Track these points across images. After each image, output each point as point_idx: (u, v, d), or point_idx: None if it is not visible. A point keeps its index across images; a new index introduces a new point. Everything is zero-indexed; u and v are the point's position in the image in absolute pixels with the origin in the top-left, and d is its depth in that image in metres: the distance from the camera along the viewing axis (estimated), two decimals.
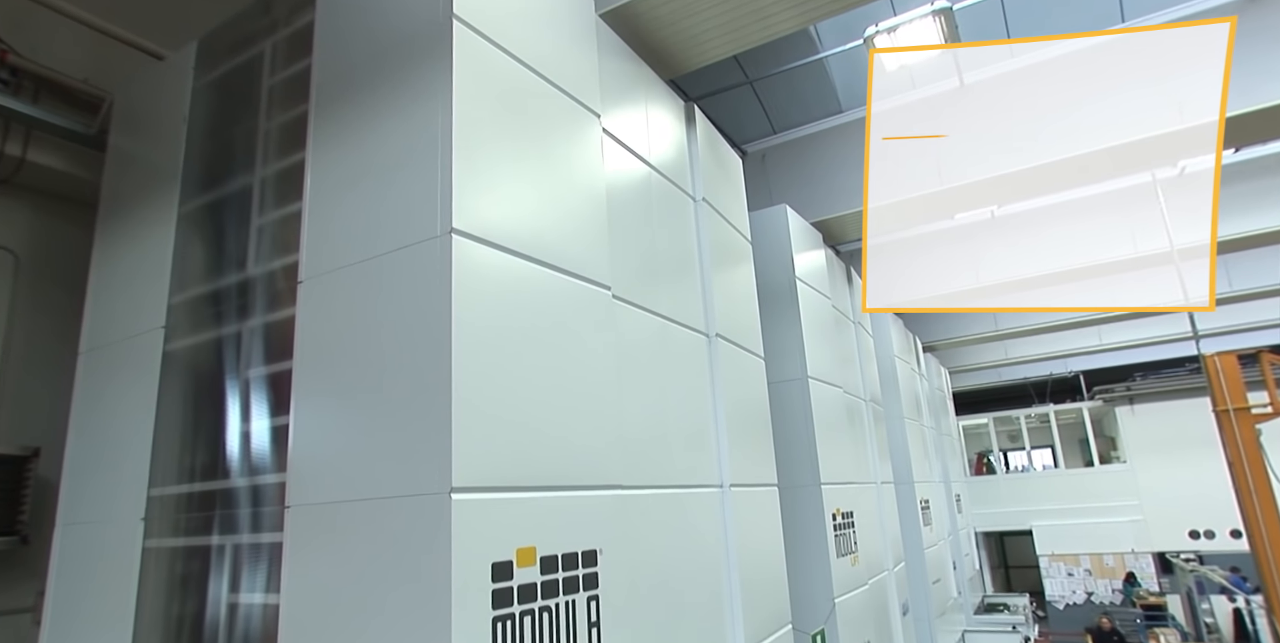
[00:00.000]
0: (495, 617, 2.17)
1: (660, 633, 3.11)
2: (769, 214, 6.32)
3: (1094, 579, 18.89)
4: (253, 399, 2.79)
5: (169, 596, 2.88)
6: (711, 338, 4.15)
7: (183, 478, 2.97)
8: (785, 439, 5.40)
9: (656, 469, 3.32)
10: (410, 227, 2.46)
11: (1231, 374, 7.96)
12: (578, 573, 2.54)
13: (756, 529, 4.18)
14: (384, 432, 2.34)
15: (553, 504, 2.51)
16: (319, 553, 2.40)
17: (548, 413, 2.58)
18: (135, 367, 3.28)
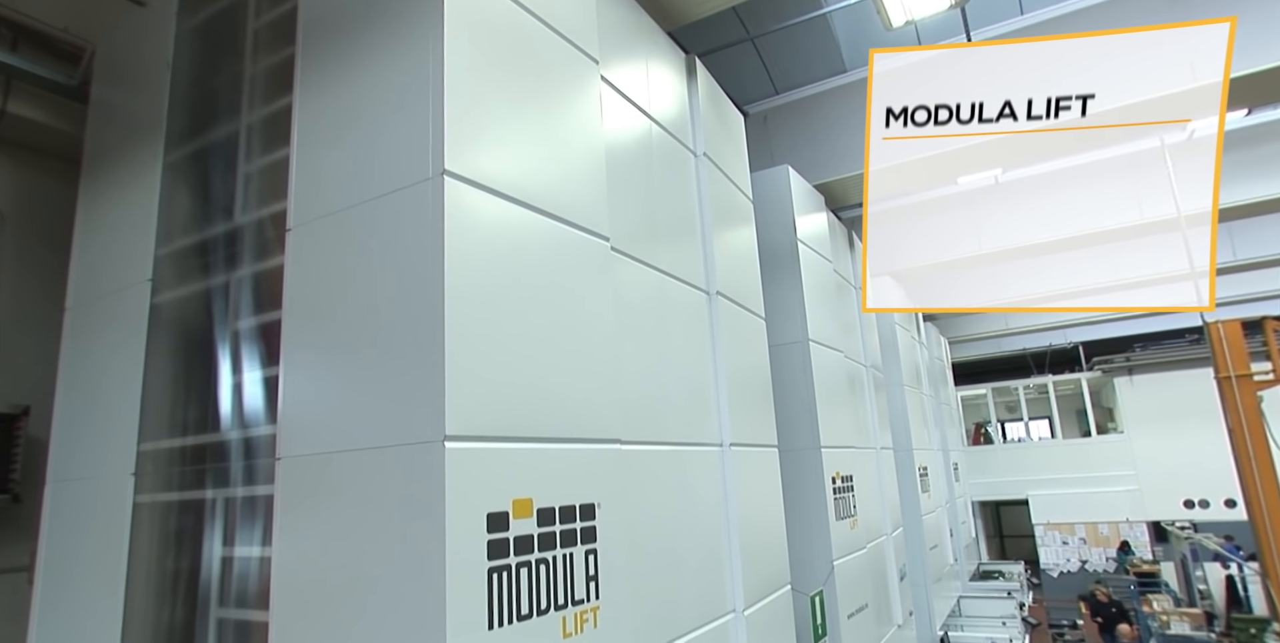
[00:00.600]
0: (491, 568, 2.12)
1: (660, 589, 3.08)
2: (771, 175, 6.20)
3: (1088, 548, 19.05)
4: (242, 351, 2.72)
5: (161, 551, 2.84)
6: (712, 296, 4.07)
7: (173, 432, 2.91)
8: (785, 402, 5.36)
9: (656, 426, 3.27)
10: (401, 170, 2.37)
11: (1235, 341, 7.90)
12: (575, 526, 2.49)
13: (756, 489, 4.15)
14: (376, 381, 2.27)
15: (549, 456, 2.45)
16: (311, 505, 2.34)
17: (544, 363, 2.51)
18: (122, 321, 3.21)
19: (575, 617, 2.43)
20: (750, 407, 4.27)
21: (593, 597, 2.51)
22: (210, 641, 2.58)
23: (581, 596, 2.46)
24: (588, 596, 2.49)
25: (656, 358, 3.40)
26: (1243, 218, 10.30)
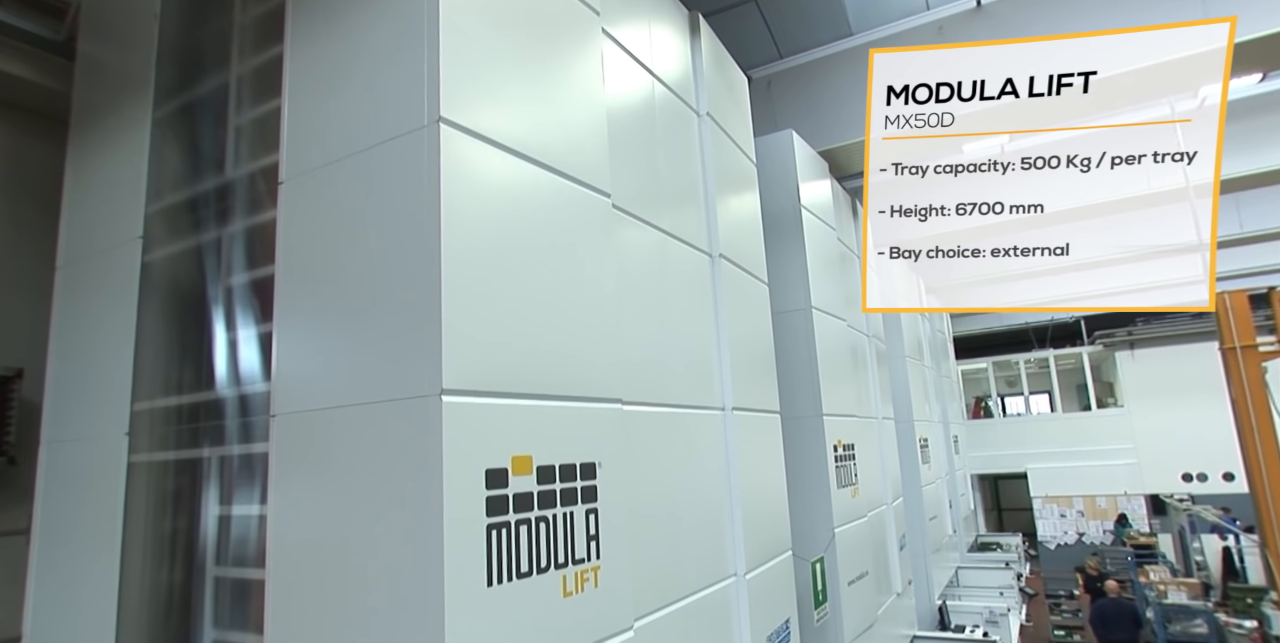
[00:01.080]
0: (490, 525, 2.09)
1: (661, 551, 3.06)
2: (774, 140, 6.10)
3: (1086, 520, 19.17)
4: (236, 307, 2.66)
5: (156, 510, 2.80)
6: (715, 258, 4.00)
7: (166, 391, 2.87)
8: (788, 370, 5.31)
9: (657, 387, 3.22)
10: (395, 118, 2.29)
11: (1241, 312, 7.84)
12: (576, 485, 2.45)
13: (758, 454, 4.12)
14: (372, 335, 2.22)
15: (549, 414, 2.41)
16: (306, 462, 2.30)
17: (543, 319, 2.45)
18: (114, 279, 3.14)
19: (576, 576, 2.40)
20: (752, 371, 4.22)
21: (593, 556, 2.48)
22: (207, 599, 2.56)
23: (582, 555, 2.43)
24: (588, 555, 2.46)
25: (658, 319, 3.34)
26: (1250, 188, 10.17)
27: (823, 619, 5.12)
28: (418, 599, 1.94)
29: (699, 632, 3.29)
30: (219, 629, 2.53)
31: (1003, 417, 21.84)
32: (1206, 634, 8.89)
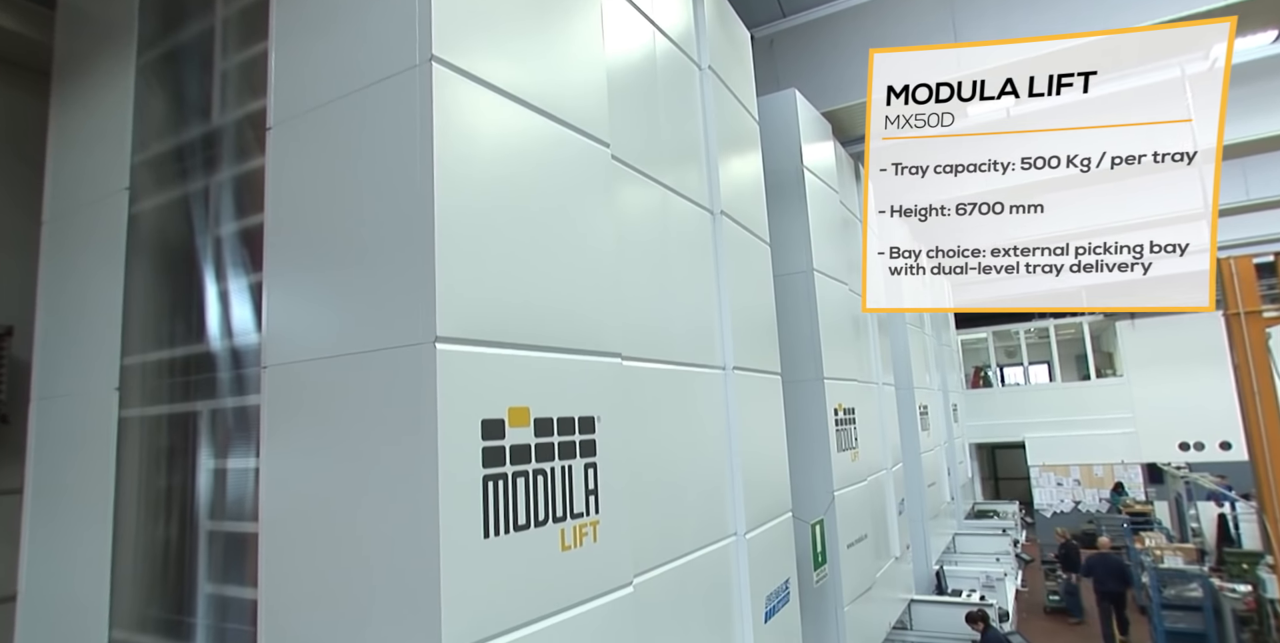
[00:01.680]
0: (486, 475, 2.04)
1: (661, 508, 3.03)
2: (777, 99, 5.97)
3: (1082, 489, 19.29)
4: (225, 258, 2.59)
5: (149, 465, 2.76)
6: (716, 215, 3.92)
7: (156, 344, 2.81)
8: (789, 333, 5.26)
9: (658, 344, 3.16)
10: (386, 58, 2.20)
11: (1246, 277, 7.75)
12: (574, 439, 2.40)
13: (759, 415, 4.08)
14: (364, 283, 2.15)
15: (546, 365, 2.35)
16: (299, 413, 2.25)
17: (540, 268, 2.39)
18: (101, 232, 3.07)
19: (574, 530, 2.36)
20: (754, 332, 4.16)
21: (592, 511, 2.44)
22: (201, 554, 2.53)
23: (581, 509, 2.40)
24: (587, 509, 2.42)
25: (659, 275, 3.27)
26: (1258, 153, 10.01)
27: (822, 581, 5.14)
28: (413, 551, 1.90)
29: (699, 590, 3.27)
30: (214, 583, 2.50)
31: (1001, 387, 21.86)
32: (1201, 598, 8.95)
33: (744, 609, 3.65)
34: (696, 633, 3.22)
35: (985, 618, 7.37)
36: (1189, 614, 9.05)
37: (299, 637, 2.14)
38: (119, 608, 2.77)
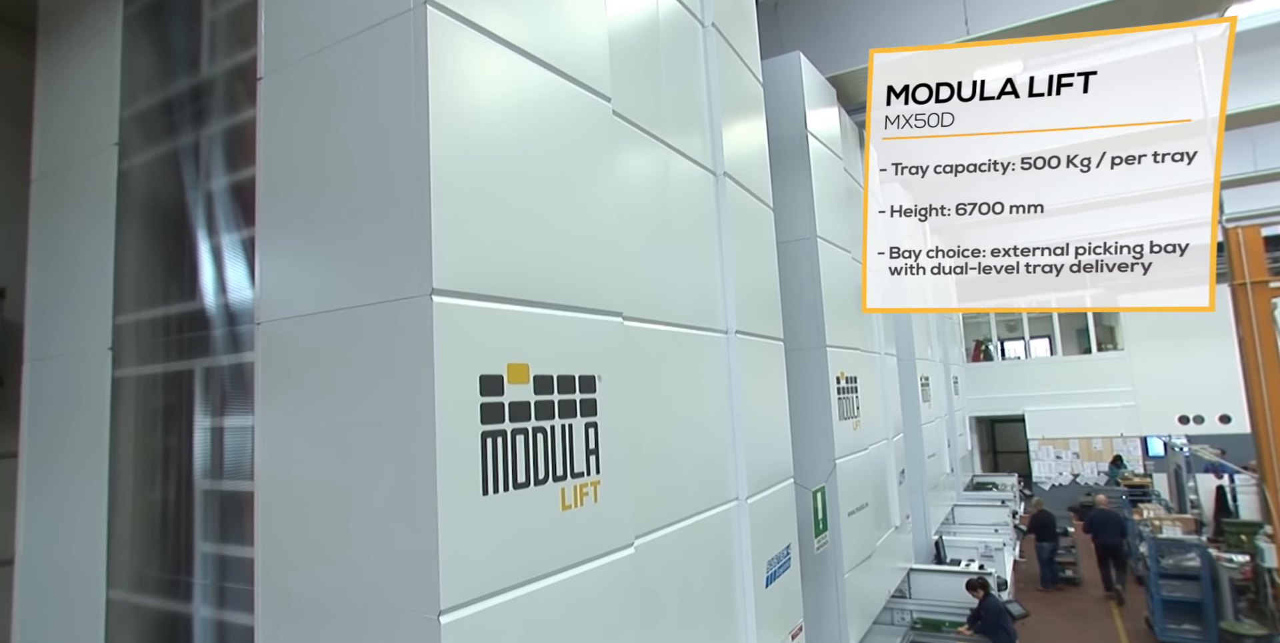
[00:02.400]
0: (485, 432, 2.00)
1: (663, 470, 3.00)
2: (781, 63, 5.86)
3: (1081, 462, 19.38)
4: (217, 212, 2.53)
5: (144, 425, 2.73)
6: (719, 177, 3.84)
7: (149, 303, 2.76)
8: (792, 300, 5.20)
9: (660, 306, 3.11)
10: (380, 2, 2.11)
11: (1254, 248, 7.69)
12: (575, 397, 2.36)
13: (761, 380, 4.04)
14: (358, 237, 2.09)
15: (546, 322, 2.30)
16: (294, 370, 2.20)
17: (539, 223, 2.33)
18: (91, 189, 3.00)
19: (575, 490, 2.33)
20: (756, 296, 4.11)
21: (593, 471, 2.41)
22: (198, 513, 2.50)
23: (581, 469, 2.36)
24: (588, 469, 2.39)
25: (661, 235, 3.21)
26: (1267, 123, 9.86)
27: (823, 547, 5.14)
28: (410, 507, 1.87)
29: (701, 553, 3.26)
30: (211, 543, 2.48)
31: (1002, 360, 21.87)
32: (1199, 568, 9.01)
33: (745, 573, 3.64)
34: (698, 596, 3.21)
35: (985, 586, 7.41)
36: (1186, 583, 9.11)
37: (296, 596, 2.12)
38: (116, 569, 2.76)
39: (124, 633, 2.71)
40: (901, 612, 7.78)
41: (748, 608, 3.64)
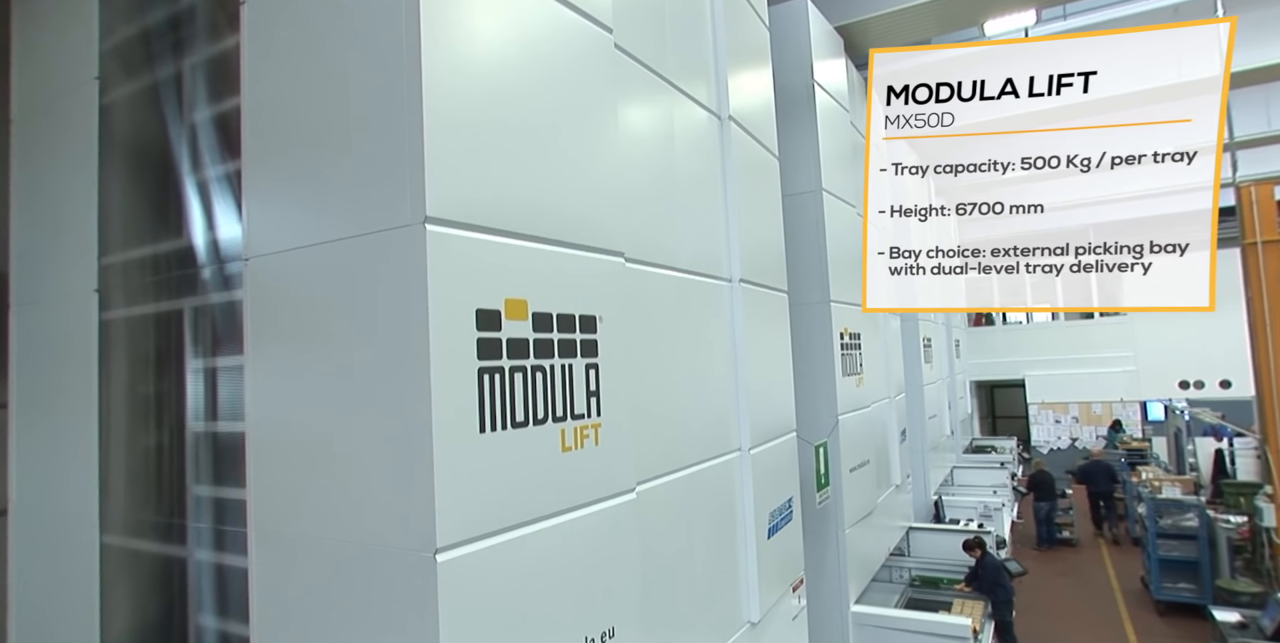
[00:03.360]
0: (482, 368, 1.93)
1: (664, 416, 2.94)
2: (788, 9, 5.67)
3: (1080, 426, 19.46)
4: (201, 145, 2.43)
5: (133, 367, 2.66)
6: (724, 121, 3.72)
7: (135, 242, 2.67)
8: (796, 254, 5.11)
9: (662, 249, 3.02)
10: None
11: (1266, 206, 7.56)
12: (575, 337, 2.28)
13: (764, 331, 3.97)
14: (349, 165, 1.99)
15: (545, 259, 2.21)
16: (285, 307, 2.12)
17: (537, 154, 2.23)
18: (72, 127, 2.89)
19: (575, 432, 2.27)
20: (761, 245, 4.02)
21: (594, 413, 2.35)
22: (190, 455, 2.44)
23: (582, 410, 2.29)
24: (588, 411, 2.32)
25: (663, 177, 3.11)
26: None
27: (824, 502, 5.13)
28: (406, 443, 1.80)
29: (702, 502, 3.22)
30: (204, 485, 2.43)
31: (1003, 325, 21.81)
32: (1197, 528, 9.05)
33: (747, 524, 3.61)
34: (700, 545, 3.17)
35: (982, 545, 7.44)
36: (1183, 543, 9.16)
37: (290, 537, 2.07)
38: (109, 514, 2.71)
39: (119, 578, 2.68)
40: (900, 570, 7.83)
41: (749, 559, 3.62)
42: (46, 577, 3.00)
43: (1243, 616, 6.90)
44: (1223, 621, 6.88)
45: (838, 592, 5.39)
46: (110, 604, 2.70)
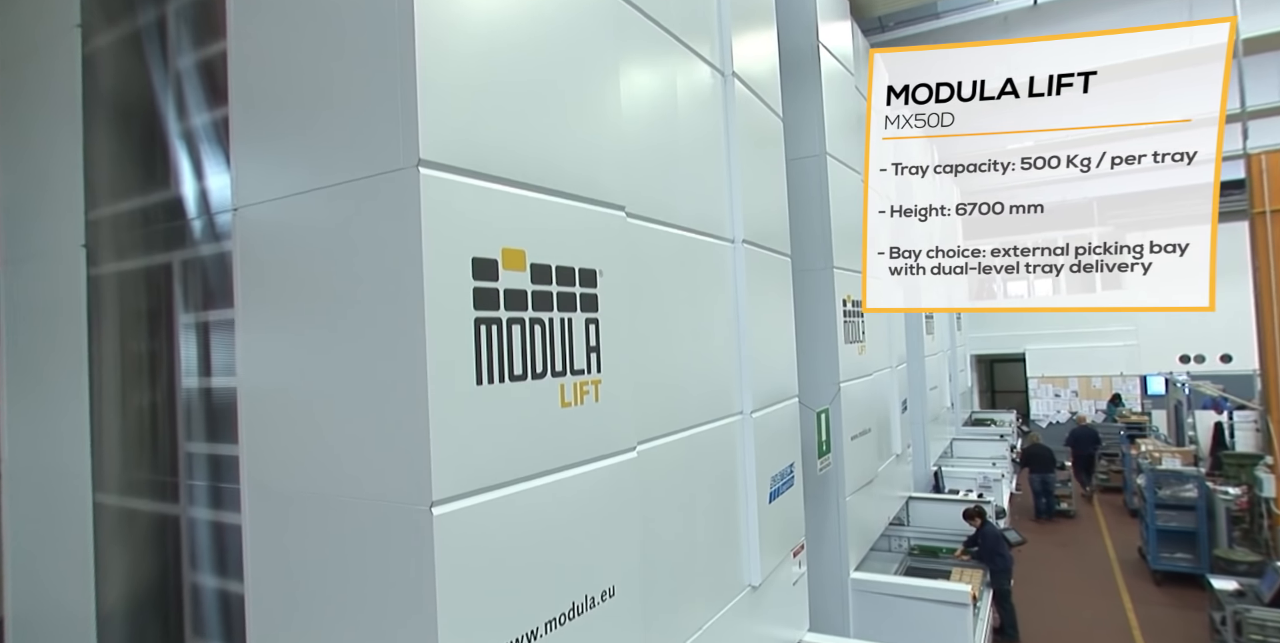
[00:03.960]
0: (479, 318, 1.87)
1: (666, 375, 2.89)
2: None
3: (1079, 400, 19.50)
4: (187, 92, 2.34)
5: (123, 323, 2.60)
6: (727, 77, 3.63)
7: (122, 194, 2.59)
8: (800, 219, 5.03)
9: (663, 204, 2.95)
10: None
11: (1276, 174, 7.45)
12: (575, 290, 2.22)
13: (767, 293, 3.91)
14: (340, 109, 1.92)
15: (544, 209, 2.14)
16: (275, 257, 2.06)
17: (536, 101, 2.15)
18: (54, 77, 2.80)
19: (575, 387, 2.22)
20: (764, 206, 3.94)
21: (594, 369, 2.29)
22: (182, 411, 2.40)
23: (582, 366, 2.24)
24: (588, 367, 2.27)
25: (663, 130, 3.02)
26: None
27: (825, 469, 5.11)
28: (401, 394, 1.75)
29: (704, 463, 3.18)
30: (197, 442, 2.38)
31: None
32: (1196, 499, 9.08)
33: (749, 487, 3.58)
34: (701, 507, 3.14)
35: (982, 514, 7.45)
36: (1182, 514, 9.20)
37: (284, 492, 2.02)
38: (103, 472, 2.68)
39: (113, 537, 2.65)
40: (899, 539, 7.86)
41: (750, 523, 3.59)
42: (41, 537, 2.97)
43: (1240, 584, 6.93)
44: (1220, 589, 6.91)
45: (838, 559, 5.39)
46: (105, 563, 2.67)
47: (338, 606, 1.90)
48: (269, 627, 2.09)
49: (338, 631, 1.90)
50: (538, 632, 2.01)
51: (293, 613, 2.02)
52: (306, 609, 1.98)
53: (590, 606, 2.23)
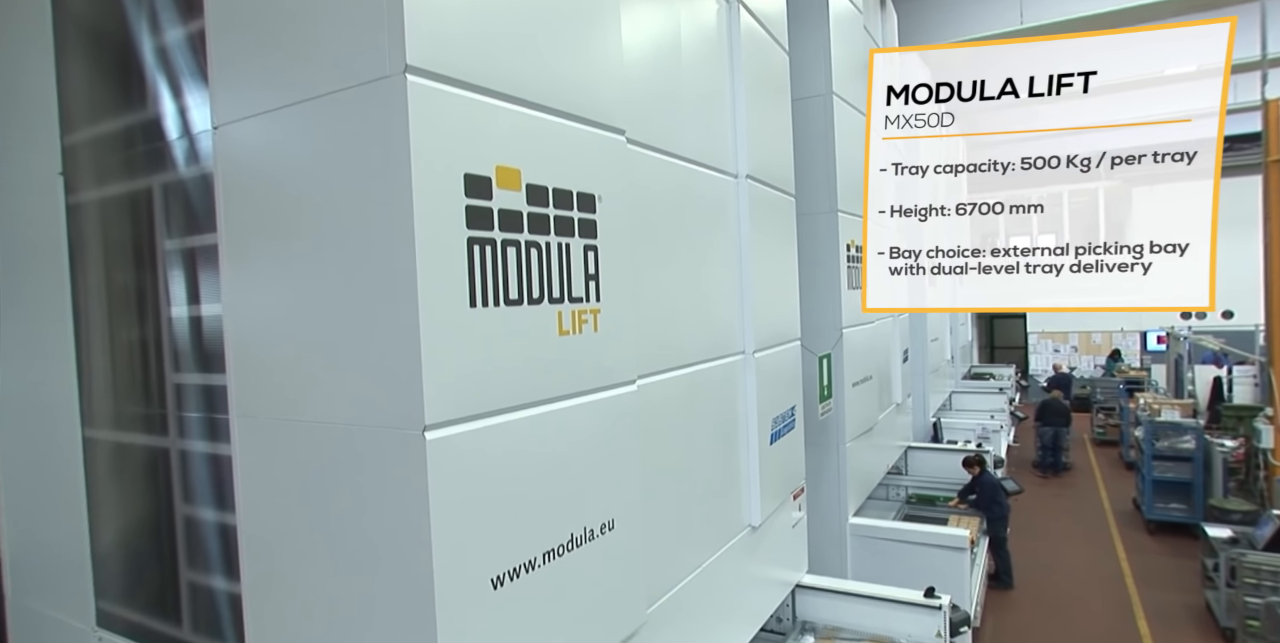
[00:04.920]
0: (472, 238, 1.78)
1: (666, 309, 2.81)
2: None
3: (1079, 355, 19.51)
4: (159, 5, 2.21)
5: (105, 253, 2.52)
6: (732, 4, 3.47)
7: (98, 117, 2.48)
8: (804, 161, 4.89)
9: (665, 133, 2.84)
10: None
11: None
12: (572, 215, 2.13)
13: (770, 232, 3.82)
14: (320, 16, 1.80)
15: (541, 127, 2.04)
16: (258, 175, 1.96)
17: (533, 15, 2.03)
18: None
19: (573, 315, 2.14)
20: (768, 141, 3.82)
21: (592, 298, 2.22)
22: (168, 340, 2.33)
23: (580, 294, 2.16)
24: (586, 295, 2.19)
25: (666, 54, 2.89)
26: None
27: (826, 414, 5.08)
28: (391, 314, 1.67)
29: (705, 402, 3.13)
30: (182, 373, 2.32)
31: None
32: (1193, 450, 9.12)
33: (750, 428, 3.54)
34: (702, 445, 3.10)
35: (981, 463, 7.48)
36: (1178, 465, 9.25)
37: (274, 421, 1.97)
38: (91, 406, 2.62)
39: (103, 470, 2.60)
40: (897, 488, 7.90)
41: (751, 463, 3.56)
42: (32, 474, 2.93)
43: (1234, 531, 6.98)
44: (1214, 536, 6.97)
45: (837, 504, 5.40)
46: (97, 498, 2.63)
47: (331, 535, 1.85)
48: (262, 559, 2.06)
49: (332, 560, 1.86)
50: (535, 562, 1.97)
51: (286, 543, 1.98)
52: (300, 539, 1.94)
53: (589, 538, 2.20)
